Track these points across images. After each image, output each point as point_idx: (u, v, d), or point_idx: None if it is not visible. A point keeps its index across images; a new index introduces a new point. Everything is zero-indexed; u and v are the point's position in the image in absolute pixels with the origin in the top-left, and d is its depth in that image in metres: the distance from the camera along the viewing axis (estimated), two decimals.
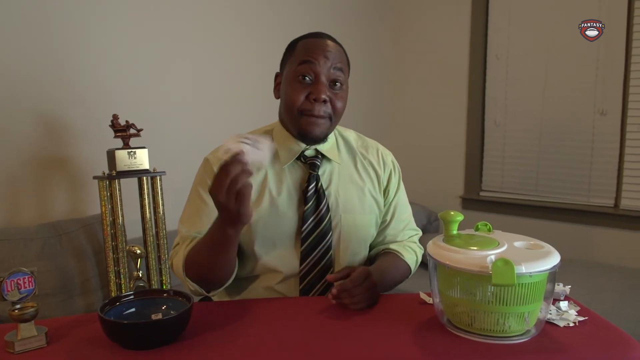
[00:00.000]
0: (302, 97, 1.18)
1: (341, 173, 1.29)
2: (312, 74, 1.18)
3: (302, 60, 1.19)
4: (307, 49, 1.20)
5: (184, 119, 2.34)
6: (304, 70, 1.18)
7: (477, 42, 3.15)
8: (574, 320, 0.98)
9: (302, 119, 1.20)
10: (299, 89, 1.19)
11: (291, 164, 1.25)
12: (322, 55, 1.18)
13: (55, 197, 1.96)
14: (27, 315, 0.90)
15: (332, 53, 1.20)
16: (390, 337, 0.94)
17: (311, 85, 1.18)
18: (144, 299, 1.03)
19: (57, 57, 1.92)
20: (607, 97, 2.71)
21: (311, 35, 1.25)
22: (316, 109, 1.18)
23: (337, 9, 3.08)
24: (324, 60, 1.18)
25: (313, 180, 1.23)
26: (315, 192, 1.23)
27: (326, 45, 1.21)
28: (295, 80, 1.19)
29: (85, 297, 1.81)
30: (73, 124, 1.97)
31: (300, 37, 1.26)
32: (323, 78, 1.19)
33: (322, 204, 1.22)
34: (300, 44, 1.23)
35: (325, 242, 1.23)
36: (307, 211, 1.22)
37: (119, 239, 1.78)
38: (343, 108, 1.24)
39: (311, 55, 1.18)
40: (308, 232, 1.21)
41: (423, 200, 3.22)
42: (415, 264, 1.35)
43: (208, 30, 2.42)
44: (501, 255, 0.89)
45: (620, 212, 2.72)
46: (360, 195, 1.29)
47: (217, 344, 0.92)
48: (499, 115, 3.12)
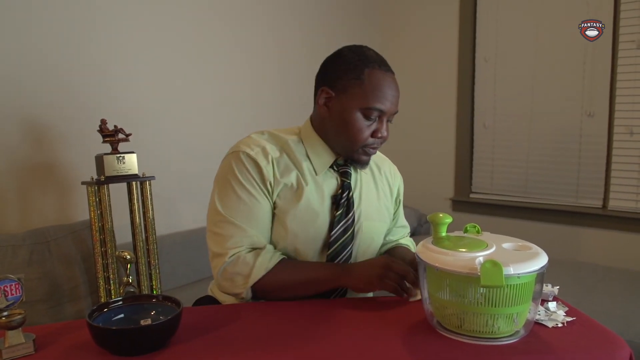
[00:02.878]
0: (368, 134, 1.22)
1: (365, 181, 1.34)
2: (376, 116, 1.21)
3: (373, 107, 1.19)
4: (379, 91, 1.19)
5: (173, 123, 2.34)
6: (372, 114, 1.20)
7: (465, 45, 3.17)
8: (563, 321, 0.99)
9: (362, 151, 1.24)
10: (364, 127, 1.21)
11: (326, 172, 1.28)
12: (390, 102, 1.21)
13: (43, 203, 1.94)
14: (15, 323, 0.89)
15: (395, 97, 1.22)
16: (380, 340, 0.94)
17: (374, 123, 1.22)
18: (132, 304, 1.02)
19: (42, 60, 1.90)
20: (594, 99, 2.74)
21: (379, 63, 1.21)
22: (376, 143, 1.24)
23: (325, 11, 3.09)
24: (392, 107, 1.22)
25: (346, 189, 1.27)
26: (347, 200, 1.26)
27: (393, 86, 1.21)
28: (362, 117, 1.20)
29: (75, 304, 1.79)
30: (61, 128, 1.96)
31: (362, 57, 1.21)
32: (386, 119, 1.23)
33: (351, 212, 1.27)
34: (368, 75, 1.19)
35: (349, 249, 1.26)
36: (338, 218, 1.24)
37: (108, 244, 1.77)
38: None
39: (383, 103, 1.19)
40: (335, 238, 1.24)
41: (413, 202, 3.24)
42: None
43: (197, 34, 2.41)
44: (489, 256, 0.89)
45: (608, 212, 2.74)
46: (378, 204, 1.36)
47: (207, 349, 0.92)
48: (488, 118, 3.14)
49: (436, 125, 3.35)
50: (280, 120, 2.66)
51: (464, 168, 3.27)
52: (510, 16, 3.00)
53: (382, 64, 1.21)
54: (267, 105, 2.75)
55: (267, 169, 1.21)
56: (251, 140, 1.26)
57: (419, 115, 3.41)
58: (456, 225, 1.03)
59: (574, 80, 2.79)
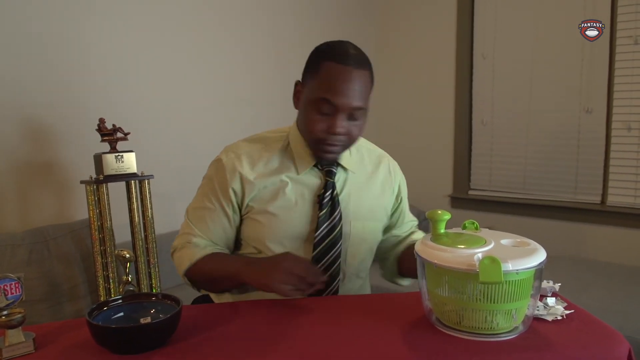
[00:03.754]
0: (320, 128, 1.17)
1: (354, 181, 1.31)
2: (330, 110, 1.16)
3: (322, 97, 1.14)
4: (330, 83, 1.14)
5: (171, 122, 2.34)
6: (323, 107, 1.15)
7: (463, 41, 3.17)
8: (562, 314, 0.99)
9: (318, 147, 1.21)
10: (316, 120, 1.17)
11: (308, 170, 1.27)
12: (343, 96, 1.13)
13: (42, 202, 1.94)
14: (15, 322, 0.89)
15: (354, 91, 1.14)
16: (379, 337, 0.94)
17: (329, 117, 1.16)
18: (132, 303, 1.02)
19: (42, 60, 1.90)
20: (592, 95, 2.74)
21: (338, 56, 1.15)
22: (332, 139, 1.18)
23: (323, 9, 3.09)
24: (345, 101, 1.14)
25: (329, 188, 1.25)
26: (331, 199, 1.25)
27: (350, 80, 1.14)
28: (314, 109, 1.17)
29: (74, 303, 1.79)
30: (59, 128, 1.96)
31: (327, 50, 1.19)
32: (342, 114, 1.16)
33: (336, 211, 1.25)
34: (325, 67, 1.15)
35: (336, 249, 1.25)
36: (322, 217, 1.23)
37: (107, 243, 1.77)
38: (360, 134, 1.24)
39: (333, 96, 1.13)
40: (321, 238, 1.23)
41: (412, 199, 3.20)
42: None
43: (196, 33, 2.41)
44: (488, 253, 0.89)
45: (607, 208, 2.75)
46: (371, 203, 1.32)
47: (207, 347, 0.92)
48: (486, 114, 3.14)
49: (434, 122, 3.35)
50: (279, 119, 2.64)
51: (463, 165, 3.27)
52: (508, 12, 3.00)
53: (343, 58, 1.15)
54: (266, 104, 2.74)
55: (234, 177, 1.24)
56: (232, 147, 1.30)
57: (417, 112, 3.41)
58: (455, 222, 1.03)
59: (572, 76, 2.79)
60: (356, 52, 1.18)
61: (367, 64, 1.19)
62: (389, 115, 3.53)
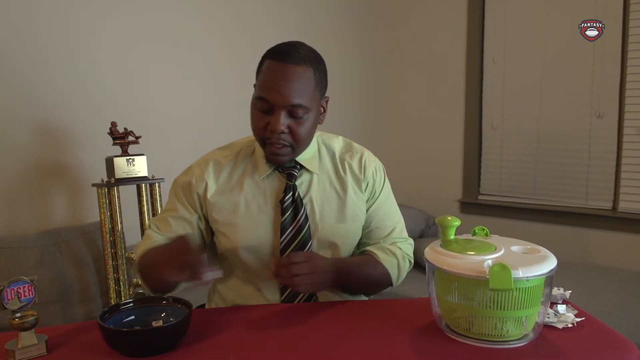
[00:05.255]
0: (261, 126, 1.16)
1: (320, 182, 1.27)
2: (269, 108, 1.15)
3: (259, 96, 1.14)
4: (267, 81, 1.14)
5: (182, 126, 2.35)
6: (262, 105, 1.15)
7: (473, 45, 3.16)
8: (572, 321, 0.99)
9: (265, 147, 1.19)
10: (257, 119, 1.17)
11: (269, 174, 1.25)
12: (277, 93, 1.12)
13: (54, 204, 1.96)
14: (28, 324, 0.90)
15: (291, 89, 1.12)
16: (388, 343, 0.94)
17: (270, 116, 1.15)
18: (143, 306, 1.03)
19: (55, 64, 1.92)
20: (603, 100, 2.72)
21: (277, 54, 1.16)
22: (274, 137, 1.15)
23: (331, 12, 3.09)
24: (280, 98, 1.12)
25: (290, 191, 1.23)
26: (293, 202, 1.22)
27: (286, 77, 1.13)
28: (255, 108, 1.17)
29: (85, 305, 1.81)
30: (71, 131, 1.98)
31: (271, 49, 1.19)
32: (281, 111, 1.14)
33: (300, 213, 1.22)
34: (265, 65, 1.16)
35: (305, 251, 1.21)
36: (285, 222, 1.21)
37: (118, 245, 1.78)
38: (307, 133, 1.19)
39: (268, 94, 1.13)
40: (287, 243, 1.21)
41: (421, 204, 3.23)
42: (397, 268, 1.28)
43: (208, 38, 2.43)
44: (498, 260, 0.89)
45: (618, 214, 2.72)
46: (340, 204, 1.27)
47: (217, 351, 0.93)
48: (496, 118, 3.13)
49: (444, 126, 3.34)
50: None
51: (472, 169, 3.26)
52: (518, 16, 2.98)
53: (281, 55, 1.14)
54: None
55: (200, 183, 1.25)
56: (205, 155, 1.32)
57: (427, 116, 3.41)
58: (465, 227, 1.03)
59: (583, 80, 2.77)
60: (299, 50, 1.16)
61: (312, 61, 1.16)
62: (399, 119, 3.53)
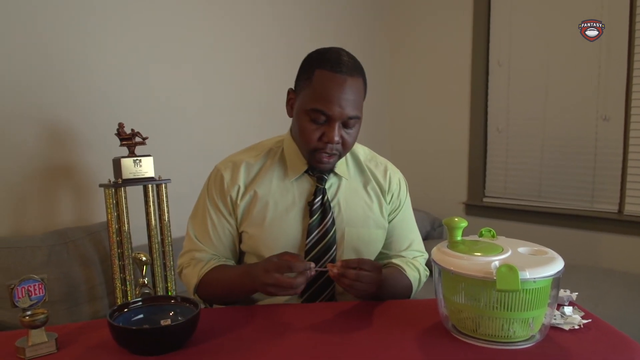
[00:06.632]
0: (315, 137, 1.17)
1: (348, 187, 1.30)
2: (325, 120, 1.16)
3: (316, 108, 1.14)
4: (323, 93, 1.13)
5: (189, 126, 2.36)
6: (317, 116, 1.15)
7: (478, 48, 3.16)
8: (579, 323, 0.99)
9: (314, 156, 1.20)
10: (311, 130, 1.17)
11: (299, 176, 1.27)
12: (337, 105, 1.13)
13: (62, 205, 1.97)
14: (38, 322, 0.91)
15: (348, 101, 1.14)
16: (395, 343, 0.95)
17: (324, 126, 1.16)
18: (151, 305, 1.04)
19: (62, 65, 1.94)
20: (609, 102, 2.72)
21: (330, 63, 1.14)
22: (328, 148, 1.17)
23: (335, 14, 3.10)
24: (339, 111, 1.13)
25: (320, 194, 1.24)
26: (321, 205, 1.24)
27: (343, 89, 1.13)
28: (308, 119, 1.16)
29: (92, 305, 1.82)
30: (79, 132, 1.99)
31: (318, 58, 1.17)
32: (337, 123, 1.15)
33: (328, 217, 1.24)
34: (318, 75, 1.15)
35: (329, 255, 1.24)
36: (312, 224, 1.23)
37: (124, 246, 1.79)
38: (354, 141, 1.23)
39: (326, 105, 1.13)
40: (312, 245, 1.23)
41: (426, 206, 3.23)
42: (419, 283, 1.33)
43: (214, 37, 2.44)
44: (505, 261, 0.89)
45: (624, 217, 2.71)
46: (366, 211, 1.29)
47: (225, 350, 0.93)
48: (501, 121, 3.13)
49: (449, 129, 3.34)
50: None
51: (478, 172, 3.25)
52: (524, 20, 2.98)
53: (336, 66, 1.13)
54: (282, 109, 2.74)
55: (231, 185, 1.25)
56: (230, 156, 1.32)
57: (432, 119, 3.41)
58: (470, 229, 1.03)
59: (589, 83, 2.76)
60: (349, 59, 1.17)
61: (361, 71, 1.18)
62: (404, 122, 3.53)
